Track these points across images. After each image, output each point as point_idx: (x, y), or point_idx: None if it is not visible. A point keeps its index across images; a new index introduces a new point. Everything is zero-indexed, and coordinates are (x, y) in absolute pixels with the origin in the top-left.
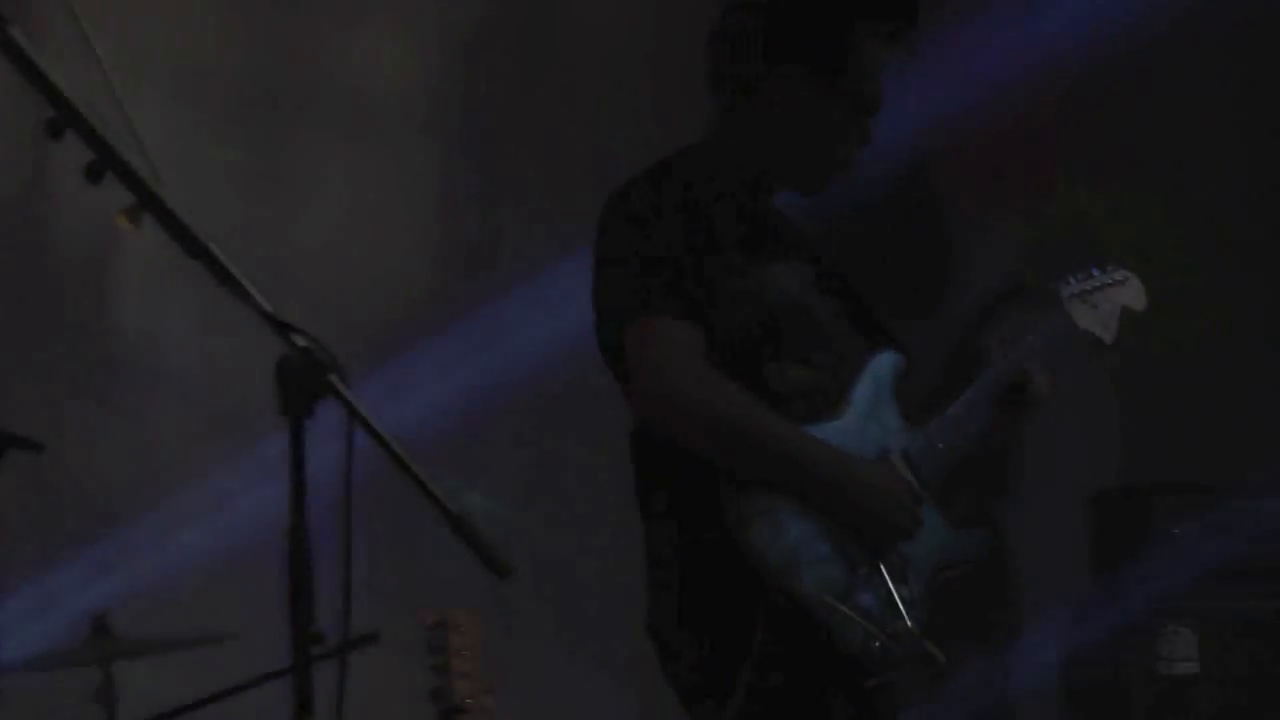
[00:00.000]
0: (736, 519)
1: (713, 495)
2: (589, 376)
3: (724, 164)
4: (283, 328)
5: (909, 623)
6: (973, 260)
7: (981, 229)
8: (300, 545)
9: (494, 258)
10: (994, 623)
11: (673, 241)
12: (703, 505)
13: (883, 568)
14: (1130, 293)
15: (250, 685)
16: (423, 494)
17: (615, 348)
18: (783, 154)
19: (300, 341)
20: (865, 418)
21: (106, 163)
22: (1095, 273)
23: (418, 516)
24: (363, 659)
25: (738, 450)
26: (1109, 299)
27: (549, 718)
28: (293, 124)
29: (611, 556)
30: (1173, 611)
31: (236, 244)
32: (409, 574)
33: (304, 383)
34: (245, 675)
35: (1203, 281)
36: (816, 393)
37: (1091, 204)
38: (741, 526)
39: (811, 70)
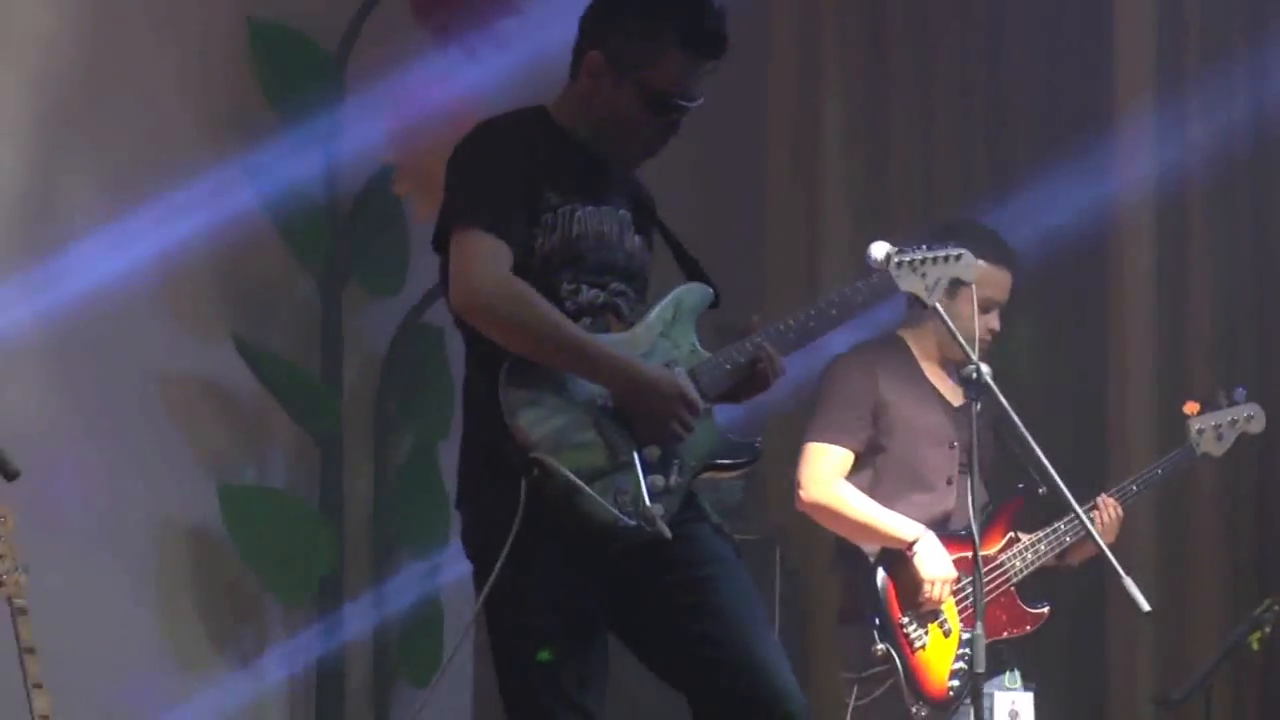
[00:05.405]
0: (508, 404)
1: (494, 383)
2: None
3: (557, 124)
4: None
5: (649, 504)
6: None
7: None
8: None
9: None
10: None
11: (499, 174)
12: (489, 390)
13: (636, 458)
14: (962, 267)
15: None
16: None
17: (444, 250)
18: (592, 128)
19: None
20: (657, 335)
21: None
22: (925, 247)
23: None
24: None
25: (528, 340)
26: (938, 270)
27: (76, 598)
28: None
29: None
30: None
31: None
32: None
33: None
34: None
35: None
36: (607, 310)
37: None
38: (511, 412)
39: (609, 60)
